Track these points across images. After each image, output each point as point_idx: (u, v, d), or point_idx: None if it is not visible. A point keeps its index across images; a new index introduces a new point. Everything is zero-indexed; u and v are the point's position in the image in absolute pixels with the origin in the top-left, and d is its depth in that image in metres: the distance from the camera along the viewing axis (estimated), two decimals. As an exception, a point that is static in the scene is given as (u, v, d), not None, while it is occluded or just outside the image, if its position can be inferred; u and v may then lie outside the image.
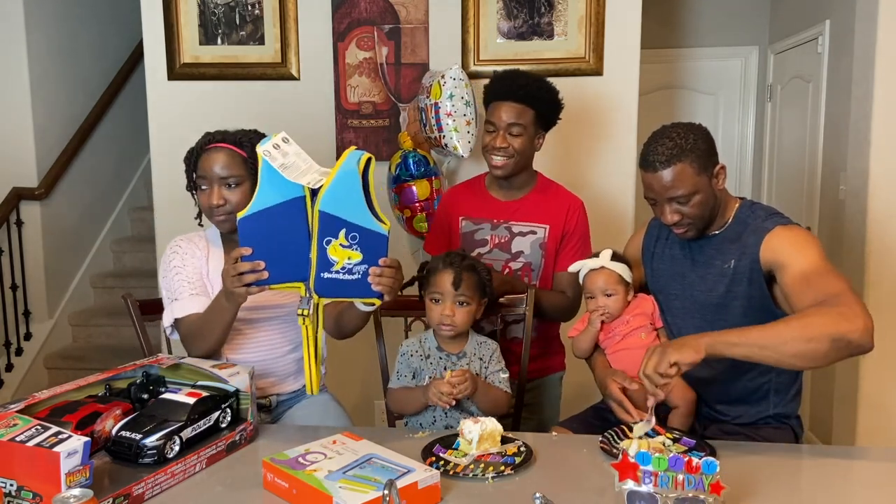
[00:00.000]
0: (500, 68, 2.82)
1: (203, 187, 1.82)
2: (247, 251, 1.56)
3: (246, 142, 1.81)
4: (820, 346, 1.47)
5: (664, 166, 1.65)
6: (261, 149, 1.54)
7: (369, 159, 1.55)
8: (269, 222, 1.56)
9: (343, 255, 1.54)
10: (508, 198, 2.17)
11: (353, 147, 1.60)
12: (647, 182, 1.71)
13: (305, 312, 1.57)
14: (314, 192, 1.54)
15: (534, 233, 2.14)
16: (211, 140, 1.83)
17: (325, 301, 1.59)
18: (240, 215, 1.58)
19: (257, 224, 1.56)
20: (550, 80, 2.84)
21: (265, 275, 1.56)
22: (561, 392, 2.32)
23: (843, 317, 1.47)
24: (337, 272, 1.55)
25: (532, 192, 2.18)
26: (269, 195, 1.55)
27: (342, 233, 1.53)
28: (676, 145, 1.65)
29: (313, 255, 1.55)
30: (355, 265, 1.54)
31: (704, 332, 1.76)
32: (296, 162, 1.55)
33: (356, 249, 1.54)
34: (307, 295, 1.57)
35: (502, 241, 2.14)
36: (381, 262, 1.56)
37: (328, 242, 1.54)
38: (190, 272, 1.84)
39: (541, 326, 2.18)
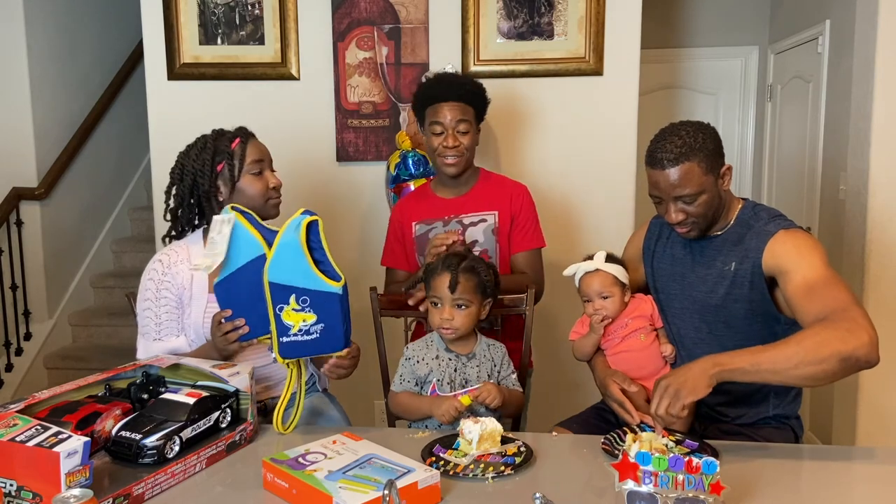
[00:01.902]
0: (500, 68, 2.86)
1: (256, 172, 1.86)
2: (227, 313, 1.68)
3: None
4: (829, 367, 1.46)
5: (672, 164, 1.64)
6: (217, 217, 1.67)
7: (312, 222, 1.61)
8: (240, 282, 1.66)
9: (297, 319, 1.60)
10: (455, 194, 2.24)
11: (299, 210, 1.63)
12: (654, 180, 1.69)
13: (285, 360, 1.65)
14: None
15: (484, 220, 2.19)
16: (249, 133, 1.91)
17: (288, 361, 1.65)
18: (214, 280, 1.70)
19: (230, 286, 1.67)
20: (551, 80, 2.88)
21: (246, 330, 1.66)
22: (530, 393, 2.29)
23: (850, 333, 1.47)
24: (295, 335, 1.61)
25: (476, 184, 2.25)
26: (235, 258, 1.66)
27: (292, 298, 1.59)
28: (685, 143, 1.64)
29: (272, 322, 1.61)
30: (311, 325, 1.60)
31: (704, 335, 1.77)
32: (217, 242, 1.65)
33: (309, 311, 1.59)
34: (270, 347, 1.66)
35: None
36: (337, 356, 1.65)
37: (281, 309, 1.60)
38: (161, 309, 1.84)
39: (507, 319, 2.16)
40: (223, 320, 1.68)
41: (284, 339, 1.62)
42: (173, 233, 1.93)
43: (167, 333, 1.84)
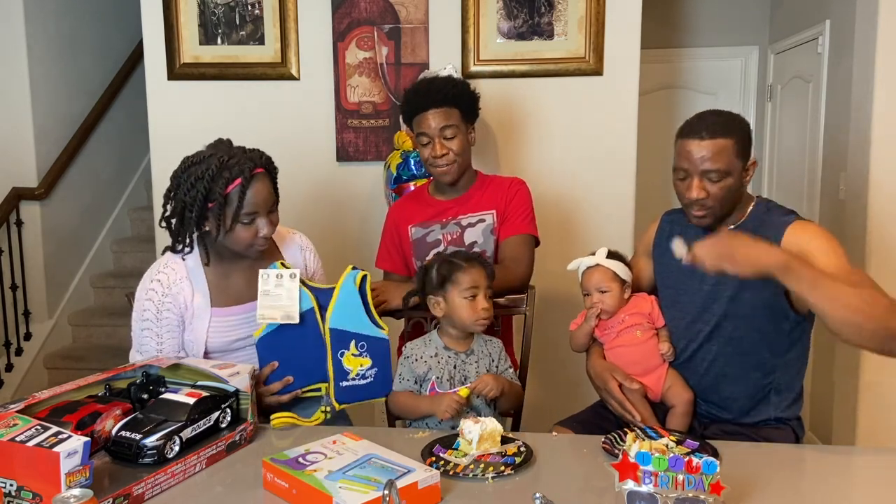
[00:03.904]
0: (500, 68, 2.86)
1: (245, 221, 1.73)
2: (274, 366, 1.75)
3: (269, 164, 1.81)
4: (871, 327, 1.45)
5: (710, 136, 1.67)
6: (263, 270, 1.75)
7: (365, 276, 1.78)
8: (284, 336, 1.75)
9: (356, 364, 1.75)
10: (452, 196, 2.22)
11: (349, 267, 1.79)
12: (686, 151, 1.69)
13: (327, 409, 1.75)
14: (320, 305, 1.76)
15: (483, 220, 2.18)
16: (254, 165, 1.73)
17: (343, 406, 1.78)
18: (256, 335, 1.76)
19: (273, 340, 1.75)
20: (551, 80, 2.87)
21: (290, 380, 1.75)
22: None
23: None
24: (353, 379, 1.75)
25: (473, 186, 2.23)
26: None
27: (352, 343, 1.75)
28: (726, 122, 1.69)
29: (330, 369, 1.75)
30: (367, 370, 1.76)
31: (711, 328, 1.77)
32: (280, 295, 1.73)
33: (366, 356, 1.75)
34: (328, 394, 1.77)
35: (454, 236, 2.17)
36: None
37: (342, 354, 1.75)
38: (163, 329, 1.80)
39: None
40: (269, 374, 1.75)
41: (343, 384, 1.74)
42: (179, 247, 1.81)
43: (169, 352, 1.82)
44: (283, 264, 1.79)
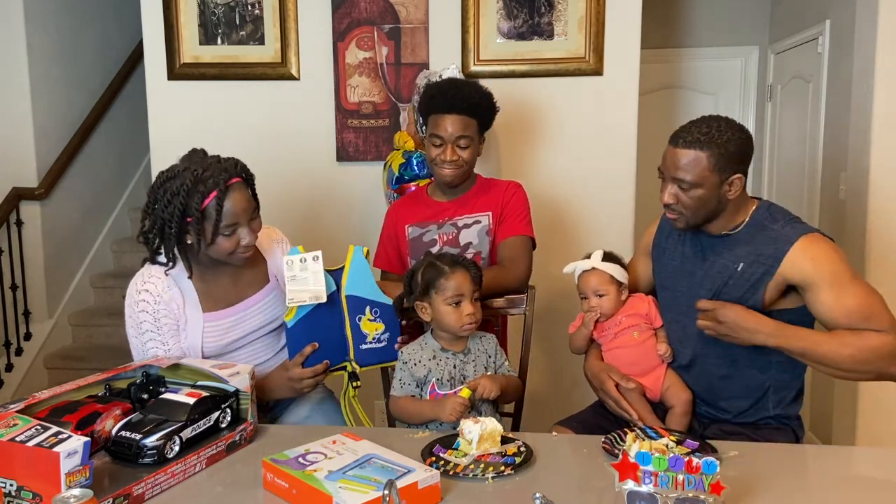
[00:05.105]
0: (500, 68, 2.86)
1: (226, 233, 1.72)
2: (315, 346, 1.78)
3: (245, 172, 1.78)
4: (864, 377, 1.64)
5: (685, 146, 1.66)
6: (287, 257, 1.78)
7: (368, 250, 1.87)
8: (313, 321, 1.79)
9: (372, 328, 1.84)
10: (450, 197, 2.23)
11: (351, 247, 1.86)
12: (665, 154, 1.72)
13: (357, 384, 1.85)
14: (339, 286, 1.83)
15: (479, 222, 2.18)
16: (229, 176, 1.71)
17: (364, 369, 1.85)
18: (287, 318, 1.77)
19: (304, 325, 1.78)
20: (551, 80, 2.87)
21: (328, 363, 1.81)
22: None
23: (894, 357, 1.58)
24: (370, 343, 1.83)
25: (472, 189, 2.24)
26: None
27: (367, 309, 1.83)
28: (708, 134, 1.65)
29: (348, 332, 1.82)
30: (381, 334, 1.85)
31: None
32: (306, 278, 1.77)
33: (379, 321, 1.84)
34: (352, 369, 1.84)
35: (450, 237, 2.18)
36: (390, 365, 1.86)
37: (359, 319, 1.82)
38: (166, 336, 1.78)
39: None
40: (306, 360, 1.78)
41: (363, 347, 1.82)
42: (161, 261, 1.79)
43: (177, 354, 1.80)
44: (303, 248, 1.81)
